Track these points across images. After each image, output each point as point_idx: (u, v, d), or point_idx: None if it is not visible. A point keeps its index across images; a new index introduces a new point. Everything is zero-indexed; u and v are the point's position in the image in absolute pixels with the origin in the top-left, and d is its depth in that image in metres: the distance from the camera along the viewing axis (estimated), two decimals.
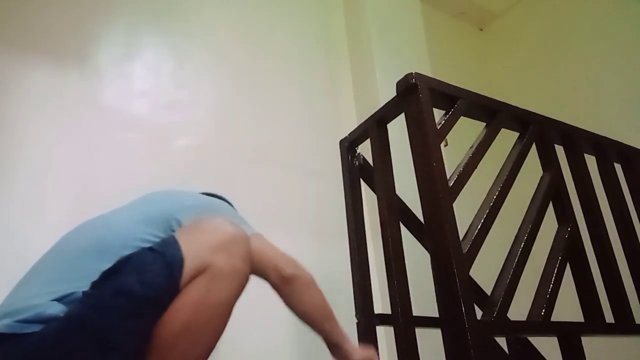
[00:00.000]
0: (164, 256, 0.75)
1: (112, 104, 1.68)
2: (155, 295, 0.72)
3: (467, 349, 0.80)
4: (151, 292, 0.72)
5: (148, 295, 0.72)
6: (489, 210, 1.02)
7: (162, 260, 0.74)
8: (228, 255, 0.79)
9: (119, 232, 0.88)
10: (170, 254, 0.75)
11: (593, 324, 1.09)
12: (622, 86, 2.40)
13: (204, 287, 0.76)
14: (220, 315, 0.78)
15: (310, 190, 1.97)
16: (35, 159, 1.48)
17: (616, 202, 1.35)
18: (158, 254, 0.75)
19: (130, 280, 0.72)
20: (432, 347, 1.14)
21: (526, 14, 3.04)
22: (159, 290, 0.73)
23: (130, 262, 0.75)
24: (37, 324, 0.71)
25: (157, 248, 0.77)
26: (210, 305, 0.76)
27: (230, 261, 0.79)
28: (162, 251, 0.76)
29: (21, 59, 1.57)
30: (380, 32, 2.32)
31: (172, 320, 0.73)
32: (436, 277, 0.91)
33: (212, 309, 0.77)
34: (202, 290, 0.75)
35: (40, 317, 0.72)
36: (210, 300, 0.76)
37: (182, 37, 1.95)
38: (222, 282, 0.77)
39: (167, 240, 0.80)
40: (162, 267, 0.74)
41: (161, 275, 0.73)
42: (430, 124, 1.00)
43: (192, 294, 0.75)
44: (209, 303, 0.76)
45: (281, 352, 1.65)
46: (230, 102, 1.96)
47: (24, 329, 0.70)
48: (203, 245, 0.79)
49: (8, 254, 1.31)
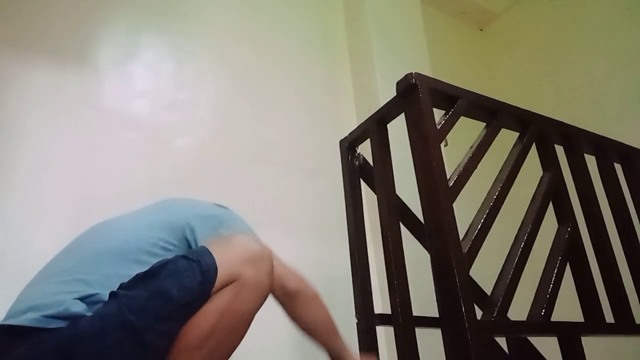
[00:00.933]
0: (199, 264, 0.80)
1: (112, 104, 1.68)
2: (191, 299, 0.78)
3: (467, 349, 0.80)
4: (187, 296, 0.77)
5: (184, 299, 0.77)
6: (489, 210, 1.02)
7: (198, 268, 0.79)
8: (256, 269, 0.85)
9: (136, 237, 0.92)
10: (205, 262, 0.80)
11: (593, 324, 1.09)
12: (622, 86, 2.40)
13: (232, 296, 0.81)
14: (243, 323, 0.84)
15: (310, 190, 1.97)
16: (35, 158, 1.48)
17: (616, 202, 1.34)
18: (193, 262, 0.80)
19: (168, 284, 0.77)
20: (432, 347, 1.14)
21: (526, 14, 3.04)
22: (194, 295, 0.78)
23: (166, 268, 0.79)
24: (62, 320, 0.74)
25: (191, 256, 0.82)
26: (236, 313, 0.82)
27: (258, 275, 0.85)
28: (197, 259, 0.81)
29: (22, 59, 1.57)
30: (380, 32, 2.32)
31: (199, 324, 0.78)
32: (436, 277, 0.91)
33: (237, 317, 0.82)
34: (230, 299, 0.81)
35: (66, 314, 0.75)
36: (237, 308, 0.82)
37: (182, 37, 1.95)
38: (249, 293, 0.83)
39: (200, 250, 0.84)
40: (198, 273, 0.79)
41: (197, 282, 0.78)
42: (430, 124, 1.00)
43: (221, 301, 0.80)
44: (235, 311, 0.81)
45: (282, 351, 1.65)
46: (230, 102, 1.96)
47: (50, 323, 0.74)
48: (234, 257, 0.84)
49: (8, 254, 1.31)
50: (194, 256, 0.82)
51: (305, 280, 1.07)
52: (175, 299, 0.76)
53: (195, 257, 0.81)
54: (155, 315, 0.75)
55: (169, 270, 0.79)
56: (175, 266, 0.79)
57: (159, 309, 0.75)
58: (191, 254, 0.82)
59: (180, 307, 0.77)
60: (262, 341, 1.60)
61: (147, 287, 0.77)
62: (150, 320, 0.74)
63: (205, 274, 0.79)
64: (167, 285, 0.76)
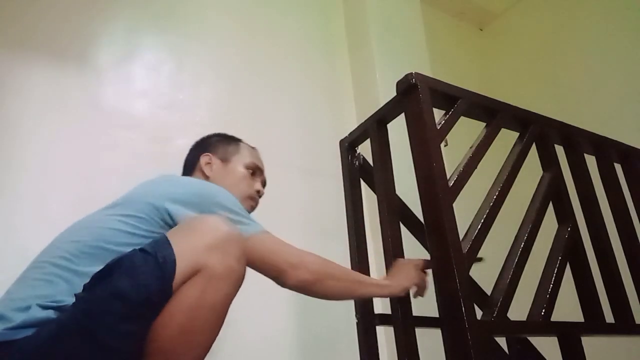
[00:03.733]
0: (155, 257, 0.73)
1: (112, 104, 1.68)
2: (148, 297, 0.71)
3: (467, 349, 0.80)
4: (144, 294, 0.70)
5: (141, 297, 0.70)
6: (489, 210, 1.02)
7: (153, 262, 0.72)
8: (222, 255, 0.77)
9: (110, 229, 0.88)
10: (161, 255, 0.73)
11: (593, 324, 1.09)
12: (622, 86, 2.40)
13: (198, 289, 0.74)
14: (216, 316, 0.77)
15: (310, 190, 1.97)
16: (36, 158, 1.48)
17: (616, 202, 1.34)
18: (149, 255, 0.73)
19: (123, 283, 0.70)
20: (432, 347, 1.14)
21: (526, 14, 3.04)
22: (151, 292, 0.71)
23: (121, 265, 0.73)
24: (30, 328, 0.71)
25: (148, 249, 0.75)
26: (206, 307, 0.75)
27: (225, 261, 0.77)
28: (153, 252, 0.74)
29: (22, 59, 1.57)
30: (380, 32, 2.32)
31: (168, 324, 0.72)
32: (436, 277, 0.91)
33: (207, 311, 0.75)
34: (196, 292, 0.74)
35: (32, 321, 0.72)
36: (206, 302, 0.74)
37: (182, 37, 1.95)
38: (217, 283, 0.76)
39: (158, 241, 0.78)
40: (154, 268, 0.72)
41: (153, 277, 0.71)
42: (430, 124, 1.00)
43: (187, 296, 0.73)
44: (204, 305, 0.74)
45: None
46: (230, 102, 1.96)
47: (17, 334, 0.70)
48: (196, 245, 0.76)
49: (8, 254, 1.31)
50: (151, 249, 0.74)
51: (312, 257, 0.99)
52: (132, 298, 0.69)
53: (152, 249, 0.74)
54: (114, 317, 0.69)
55: (124, 267, 0.72)
56: (131, 262, 0.73)
57: (117, 310, 0.69)
58: (149, 246, 0.75)
59: (140, 306, 0.70)
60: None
61: (103, 288, 0.71)
62: (108, 323, 0.69)
63: (163, 267, 0.72)
64: (122, 285, 0.70)
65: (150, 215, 0.91)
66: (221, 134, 1.32)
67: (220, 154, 1.25)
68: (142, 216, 0.91)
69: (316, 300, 1.12)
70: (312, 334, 1.71)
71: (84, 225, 0.94)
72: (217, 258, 0.76)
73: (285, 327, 1.67)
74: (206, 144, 1.28)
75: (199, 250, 0.76)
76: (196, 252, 0.75)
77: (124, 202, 0.97)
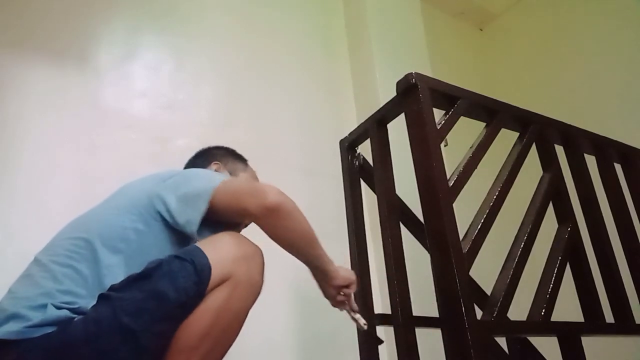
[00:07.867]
0: (193, 264, 0.79)
1: (112, 104, 1.68)
2: (186, 300, 0.77)
3: (467, 349, 0.80)
4: (183, 296, 0.77)
5: (180, 299, 0.77)
6: (489, 210, 1.02)
7: (192, 268, 0.79)
8: (248, 267, 0.85)
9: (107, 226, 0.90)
10: (199, 262, 0.80)
11: (593, 324, 1.09)
12: (621, 86, 2.40)
13: (226, 295, 0.81)
14: (238, 321, 0.85)
15: (309, 190, 1.97)
16: (36, 158, 1.48)
17: (616, 202, 1.34)
18: (186, 262, 0.80)
19: (163, 285, 0.76)
20: (432, 347, 1.14)
21: (526, 14, 3.04)
22: (189, 295, 0.78)
23: (160, 269, 0.79)
24: (49, 326, 0.74)
25: (184, 256, 0.81)
26: (231, 312, 0.82)
27: (250, 273, 0.85)
28: (190, 260, 0.80)
29: (22, 59, 1.57)
30: (380, 32, 2.32)
31: (196, 324, 0.79)
32: (436, 277, 0.91)
33: (232, 316, 0.83)
34: (224, 298, 0.81)
35: (52, 319, 0.74)
36: (231, 307, 0.82)
37: (182, 37, 1.95)
38: (242, 291, 0.84)
39: (193, 249, 0.83)
40: (193, 274, 0.79)
41: (191, 282, 0.78)
42: (430, 124, 1.00)
43: (216, 300, 0.81)
44: (230, 309, 0.82)
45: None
46: (230, 102, 1.96)
47: (35, 332, 0.73)
48: (227, 256, 0.84)
49: (8, 254, 1.31)
50: (187, 256, 0.81)
51: (282, 192, 0.99)
52: (171, 300, 0.76)
53: (189, 257, 0.81)
54: (152, 316, 0.75)
55: (163, 271, 0.79)
56: (169, 267, 0.79)
57: (155, 311, 0.75)
58: (184, 254, 0.82)
59: (176, 308, 0.77)
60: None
61: (141, 289, 0.77)
62: (146, 322, 0.74)
63: (200, 274, 0.79)
64: (162, 287, 0.76)
65: (146, 207, 0.93)
66: (229, 149, 1.33)
67: (229, 166, 1.27)
68: (139, 209, 0.93)
69: (316, 300, 1.12)
70: (312, 334, 1.71)
71: (83, 221, 0.96)
72: (243, 269, 0.84)
73: (285, 327, 1.67)
74: (216, 154, 1.30)
75: (229, 261, 0.84)
76: (226, 262, 0.83)
77: (120, 196, 1.00)
